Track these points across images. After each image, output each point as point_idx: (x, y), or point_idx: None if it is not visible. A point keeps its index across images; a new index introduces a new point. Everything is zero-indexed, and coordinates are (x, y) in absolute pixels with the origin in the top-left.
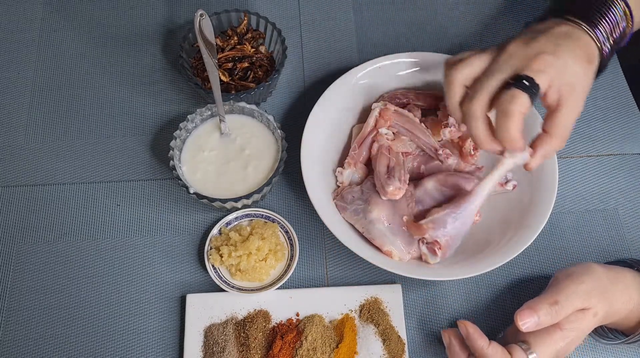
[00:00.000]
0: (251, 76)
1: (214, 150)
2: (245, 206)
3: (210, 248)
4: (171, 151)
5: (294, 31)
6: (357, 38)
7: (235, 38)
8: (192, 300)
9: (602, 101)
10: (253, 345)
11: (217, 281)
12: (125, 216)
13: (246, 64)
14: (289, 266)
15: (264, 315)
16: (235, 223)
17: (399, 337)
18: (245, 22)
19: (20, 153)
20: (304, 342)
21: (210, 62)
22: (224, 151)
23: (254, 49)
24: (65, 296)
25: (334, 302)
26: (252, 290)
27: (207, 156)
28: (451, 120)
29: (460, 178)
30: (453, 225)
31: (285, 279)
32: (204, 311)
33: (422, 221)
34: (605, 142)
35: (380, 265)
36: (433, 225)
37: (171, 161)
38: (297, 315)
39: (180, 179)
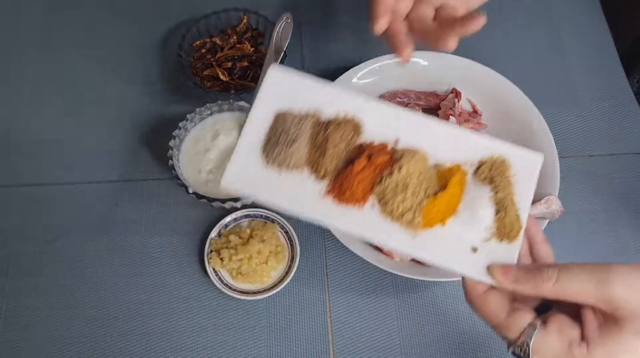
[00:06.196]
0: (251, 75)
1: (214, 150)
2: (244, 206)
3: (211, 251)
4: (170, 150)
5: (293, 31)
6: (356, 38)
7: (235, 37)
8: (276, 74)
9: (602, 101)
10: (330, 151)
11: (218, 285)
12: (125, 216)
13: (246, 63)
14: (289, 267)
15: (354, 125)
16: (235, 223)
17: (518, 216)
18: (244, 21)
19: (20, 152)
20: (395, 172)
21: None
22: (223, 151)
23: (253, 48)
24: (65, 297)
25: (448, 145)
26: (253, 292)
27: (207, 156)
28: (451, 120)
29: None
30: None
31: (288, 280)
32: (286, 92)
33: None
34: (605, 142)
35: (381, 265)
36: None
37: (170, 161)
38: (396, 142)
39: (180, 179)
